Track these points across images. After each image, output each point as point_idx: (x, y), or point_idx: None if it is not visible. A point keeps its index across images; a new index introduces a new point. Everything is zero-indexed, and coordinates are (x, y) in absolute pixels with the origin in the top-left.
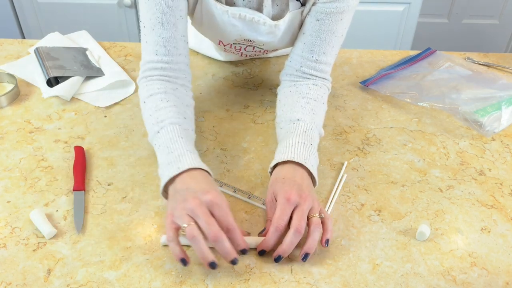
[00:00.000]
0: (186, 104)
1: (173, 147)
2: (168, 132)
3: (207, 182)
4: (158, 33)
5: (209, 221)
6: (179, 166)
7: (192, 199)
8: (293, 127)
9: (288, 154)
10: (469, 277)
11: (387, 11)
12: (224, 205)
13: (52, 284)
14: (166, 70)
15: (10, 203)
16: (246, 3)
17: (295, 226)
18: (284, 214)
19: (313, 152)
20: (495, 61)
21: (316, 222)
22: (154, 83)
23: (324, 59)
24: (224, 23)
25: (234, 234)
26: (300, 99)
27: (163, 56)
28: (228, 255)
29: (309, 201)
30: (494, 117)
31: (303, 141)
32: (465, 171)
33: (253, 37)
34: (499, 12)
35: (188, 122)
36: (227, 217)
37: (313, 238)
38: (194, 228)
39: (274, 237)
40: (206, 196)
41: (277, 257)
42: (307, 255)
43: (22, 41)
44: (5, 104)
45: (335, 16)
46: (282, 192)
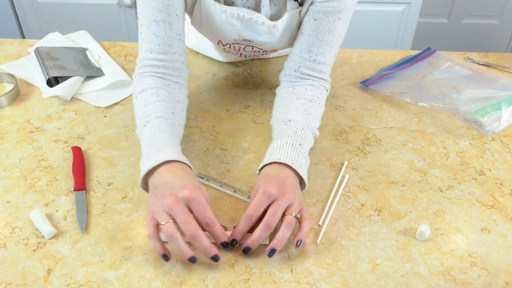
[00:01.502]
0: (176, 100)
1: (155, 140)
2: (153, 125)
3: (185, 175)
4: (153, 31)
5: (186, 218)
6: (157, 158)
7: (169, 195)
8: (284, 128)
9: (275, 155)
10: (469, 277)
11: (387, 11)
12: (202, 199)
13: (52, 284)
14: (160, 68)
15: (10, 203)
16: (244, 3)
17: (266, 220)
18: (258, 206)
19: (302, 152)
20: (495, 61)
21: (289, 220)
22: (147, 79)
23: (322, 59)
24: (223, 23)
25: (213, 228)
26: (295, 100)
27: (157, 54)
28: (207, 252)
29: (288, 198)
30: (494, 117)
31: (292, 142)
32: (465, 171)
33: (251, 37)
34: (499, 12)
35: (176, 117)
36: (205, 212)
37: (282, 236)
38: (171, 227)
39: (244, 226)
40: (183, 191)
41: (245, 249)
42: (274, 251)
43: (22, 41)
44: (5, 104)
45: (333, 15)
46: (263, 186)
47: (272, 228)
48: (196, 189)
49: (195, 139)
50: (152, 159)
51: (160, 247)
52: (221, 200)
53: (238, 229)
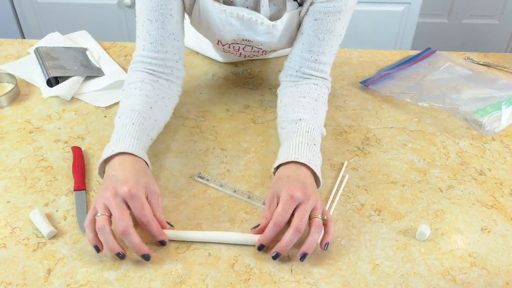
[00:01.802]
0: (161, 96)
1: (121, 131)
2: (126, 117)
3: (133, 170)
4: (146, 30)
5: (119, 214)
6: (113, 148)
7: (111, 188)
8: (296, 127)
9: (292, 154)
10: (469, 277)
11: (387, 11)
12: (140, 197)
13: (52, 284)
14: (151, 65)
15: (10, 203)
16: (243, 3)
17: (296, 225)
18: (285, 211)
19: (317, 152)
20: (495, 61)
21: (317, 223)
22: (136, 73)
23: (323, 59)
24: (222, 23)
25: (149, 227)
26: (301, 98)
27: (149, 51)
28: (136, 249)
29: (313, 200)
30: (494, 117)
31: (307, 141)
32: (465, 171)
33: (250, 37)
34: (499, 12)
35: (155, 111)
36: (142, 210)
37: (313, 239)
38: (103, 219)
39: (272, 232)
40: (123, 187)
41: (275, 255)
42: (305, 255)
43: (22, 41)
44: (5, 104)
45: (333, 15)
46: (286, 189)
47: (301, 232)
48: (137, 186)
49: (195, 139)
50: (109, 149)
51: (93, 238)
52: (221, 200)
53: (265, 235)
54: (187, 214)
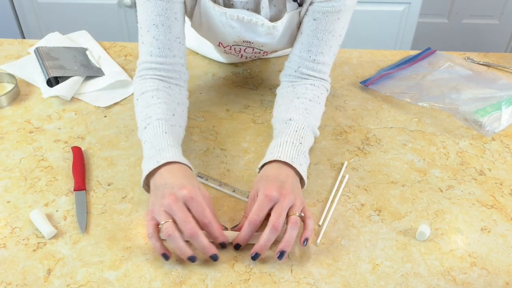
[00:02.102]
0: (177, 102)
1: (156, 141)
2: (154, 127)
3: (184, 176)
4: (153, 35)
5: (184, 217)
6: (158, 160)
7: (169, 195)
8: (285, 127)
9: (275, 153)
10: (469, 277)
11: (387, 11)
12: (200, 199)
13: (52, 284)
14: (160, 70)
15: (10, 203)
16: (244, 5)
17: (272, 223)
18: (260, 209)
19: (302, 151)
20: (495, 61)
21: (294, 220)
22: (147, 82)
23: (321, 59)
24: (223, 25)
25: (211, 228)
26: (295, 99)
27: (157, 57)
28: (205, 251)
29: (290, 198)
30: (494, 117)
31: (292, 140)
32: (465, 171)
33: (251, 39)
34: (499, 12)
35: (177, 118)
36: (203, 211)
37: (290, 236)
38: (170, 226)
39: (247, 231)
40: (182, 191)
41: (254, 255)
42: (283, 253)
43: (22, 41)
44: (5, 104)
45: (332, 15)
46: (263, 188)
47: (279, 230)
48: (195, 188)
49: (195, 139)
50: (153, 161)
51: (160, 247)
52: (221, 200)
53: (242, 235)
54: None
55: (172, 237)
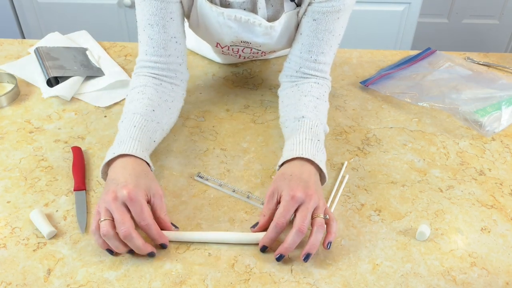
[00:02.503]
0: (165, 99)
1: (122, 134)
2: (128, 121)
3: (134, 172)
4: (148, 34)
5: (121, 218)
6: (114, 151)
7: (112, 192)
8: (299, 124)
9: (296, 151)
10: (469, 277)
11: (387, 11)
12: (140, 200)
13: (52, 284)
14: (154, 69)
15: (10, 203)
16: (240, 5)
17: (298, 226)
18: (286, 211)
19: (321, 148)
20: (495, 61)
21: (320, 222)
22: (139, 78)
23: (322, 58)
24: (220, 25)
25: (149, 231)
26: (302, 97)
27: (152, 56)
28: (140, 252)
29: (315, 200)
30: (494, 117)
31: (310, 137)
32: (465, 171)
33: (249, 39)
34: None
35: (157, 114)
36: (141, 214)
37: (316, 239)
38: (106, 225)
39: (274, 233)
40: (122, 191)
41: (279, 256)
42: (309, 255)
43: (22, 41)
44: (5, 104)
45: (332, 15)
46: (288, 189)
47: (304, 233)
48: (136, 188)
49: (195, 139)
50: (111, 152)
51: (102, 243)
52: (221, 200)
53: (267, 237)
54: (187, 214)
55: (107, 237)
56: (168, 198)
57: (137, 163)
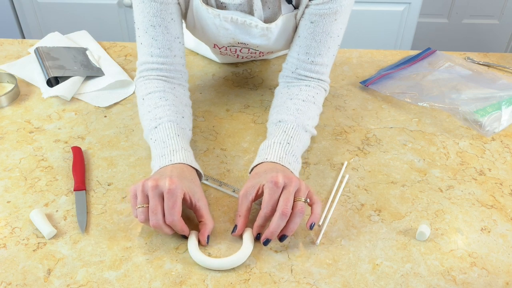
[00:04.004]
0: (184, 104)
1: (169, 142)
2: (166, 128)
3: (182, 174)
4: (151, 36)
5: (154, 207)
6: (171, 159)
7: (154, 180)
8: (274, 128)
9: (263, 156)
10: (469, 277)
11: (387, 11)
12: (177, 195)
13: (52, 284)
14: (162, 71)
15: (10, 203)
16: (237, 7)
17: (281, 209)
18: (272, 199)
19: (290, 150)
20: (495, 61)
21: (300, 206)
22: (152, 82)
23: (320, 60)
24: (217, 27)
25: (173, 227)
26: (287, 100)
27: (158, 57)
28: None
29: (295, 182)
30: (494, 117)
31: (280, 141)
32: (465, 171)
33: (246, 40)
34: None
35: (186, 121)
36: (172, 209)
37: (294, 223)
38: (144, 213)
39: (261, 221)
40: (165, 181)
41: (265, 241)
42: (285, 236)
43: (22, 41)
44: (5, 104)
45: (329, 17)
46: (268, 178)
47: (288, 216)
48: (178, 184)
49: (195, 139)
50: (166, 160)
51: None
52: (221, 200)
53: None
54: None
55: (145, 223)
56: None
57: (189, 170)
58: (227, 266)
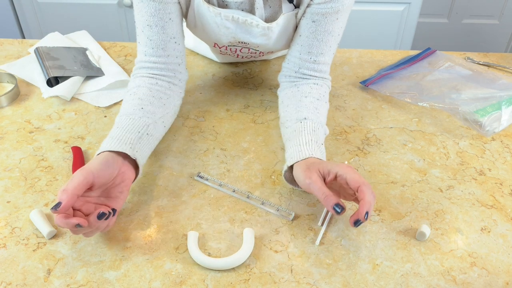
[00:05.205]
0: (159, 97)
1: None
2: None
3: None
4: (147, 35)
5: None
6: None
7: None
8: (301, 126)
9: (305, 152)
10: (469, 277)
11: (387, 11)
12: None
13: (52, 284)
14: (153, 69)
15: (10, 203)
16: (238, 6)
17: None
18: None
19: (323, 150)
20: (495, 61)
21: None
22: (136, 80)
23: (322, 59)
24: (217, 26)
25: None
26: (303, 98)
27: (151, 57)
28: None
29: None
30: (494, 117)
31: (315, 139)
32: (465, 171)
33: (246, 39)
34: (499, 12)
35: (147, 110)
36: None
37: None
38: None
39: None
40: None
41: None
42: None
43: (22, 41)
44: (5, 104)
45: (331, 16)
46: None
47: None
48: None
49: (195, 139)
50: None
51: None
52: (221, 200)
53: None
54: (187, 214)
55: None
56: (168, 198)
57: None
58: (227, 266)
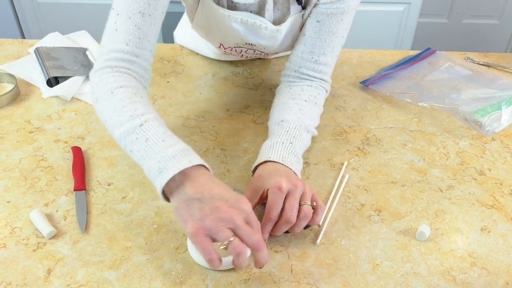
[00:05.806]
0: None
1: (170, 141)
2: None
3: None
4: (135, 23)
5: (250, 230)
6: (190, 160)
7: (228, 208)
8: (277, 128)
9: (265, 155)
10: (469, 277)
11: (387, 11)
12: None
13: (52, 284)
14: (134, 65)
15: (10, 203)
16: (247, 7)
17: (287, 216)
18: (276, 204)
19: (293, 151)
20: (495, 61)
21: (306, 210)
22: (122, 76)
23: (323, 59)
24: (226, 27)
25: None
26: (290, 100)
27: (134, 47)
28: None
29: (300, 187)
30: (494, 117)
31: (282, 140)
32: (465, 171)
33: (254, 41)
34: (499, 12)
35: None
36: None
37: (299, 226)
38: (240, 243)
39: (269, 228)
40: (243, 205)
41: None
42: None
43: (22, 41)
44: (5, 104)
45: (336, 17)
46: (272, 183)
47: (293, 223)
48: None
49: (195, 139)
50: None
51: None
52: None
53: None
54: None
55: (243, 256)
56: None
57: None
58: (227, 266)
